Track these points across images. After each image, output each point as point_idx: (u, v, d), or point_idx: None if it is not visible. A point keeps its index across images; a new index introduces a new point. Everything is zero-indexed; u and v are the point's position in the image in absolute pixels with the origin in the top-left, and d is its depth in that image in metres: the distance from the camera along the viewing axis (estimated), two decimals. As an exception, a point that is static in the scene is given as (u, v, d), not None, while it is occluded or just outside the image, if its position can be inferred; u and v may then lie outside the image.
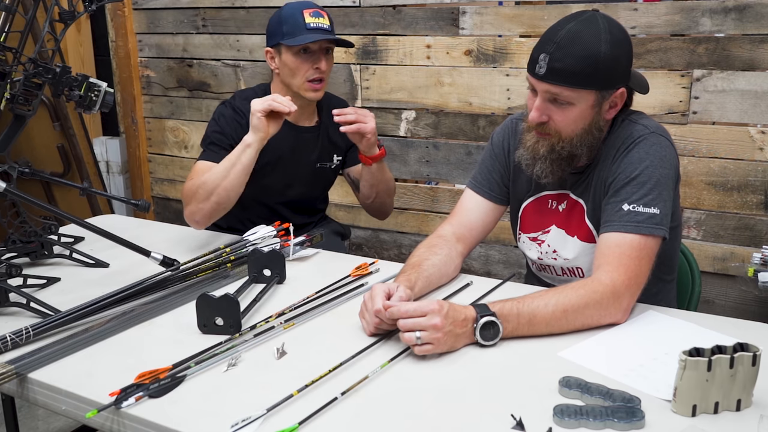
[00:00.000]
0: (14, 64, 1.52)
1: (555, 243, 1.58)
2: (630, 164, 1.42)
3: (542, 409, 1.06)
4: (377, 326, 1.30)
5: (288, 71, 1.93)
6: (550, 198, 1.59)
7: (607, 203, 1.44)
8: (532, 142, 1.47)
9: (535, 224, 1.61)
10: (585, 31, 1.37)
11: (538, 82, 1.40)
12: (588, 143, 1.45)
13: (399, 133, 2.69)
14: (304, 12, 1.90)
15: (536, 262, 1.64)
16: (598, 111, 1.42)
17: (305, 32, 1.88)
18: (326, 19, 1.93)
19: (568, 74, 1.36)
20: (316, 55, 1.91)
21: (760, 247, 2.13)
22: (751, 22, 2.07)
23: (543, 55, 1.38)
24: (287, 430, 1.01)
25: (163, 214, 3.43)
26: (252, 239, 1.72)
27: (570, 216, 1.55)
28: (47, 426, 2.54)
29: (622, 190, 1.42)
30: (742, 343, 1.05)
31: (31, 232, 1.74)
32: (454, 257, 1.58)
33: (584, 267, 1.56)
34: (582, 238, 1.54)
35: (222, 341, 1.29)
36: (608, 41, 1.36)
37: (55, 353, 1.27)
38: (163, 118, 3.31)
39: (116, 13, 3.26)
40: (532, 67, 1.40)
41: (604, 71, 1.37)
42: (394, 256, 2.80)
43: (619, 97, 1.43)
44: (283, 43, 1.90)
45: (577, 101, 1.39)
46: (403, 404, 1.10)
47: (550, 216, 1.59)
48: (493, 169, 1.66)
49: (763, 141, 2.12)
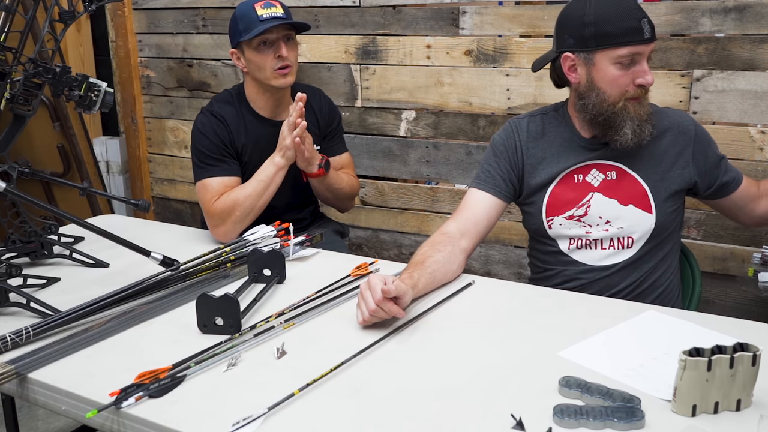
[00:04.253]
0: (14, 64, 1.52)
1: (607, 212, 1.63)
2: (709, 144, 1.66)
3: (542, 409, 1.06)
4: (373, 314, 1.32)
5: (254, 66, 1.97)
6: (576, 173, 1.65)
7: (719, 167, 1.66)
8: (635, 109, 1.54)
9: (569, 202, 1.65)
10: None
11: (648, 45, 1.49)
12: None
13: (399, 133, 2.69)
14: (255, 6, 1.95)
15: (581, 239, 1.66)
16: None
17: (259, 24, 1.93)
18: (279, 7, 1.97)
19: (655, 30, 1.51)
20: (275, 44, 1.95)
21: (760, 247, 2.13)
22: (751, 22, 2.06)
23: (645, 19, 1.48)
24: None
25: (163, 214, 3.43)
26: (252, 239, 1.73)
27: (619, 185, 1.62)
28: (47, 426, 2.54)
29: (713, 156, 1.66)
30: (742, 343, 1.04)
31: (31, 232, 1.74)
32: (457, 254, 1.59)
33: (635, 236, 1.63)
34: (639, 206, 1.62)
35: (222, 341, 1.29)
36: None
37: (55, 353, 1.27)
38: (163, 118, 3.30)
39: (116, 13, 3.26)
40: (638, 36, 1.48)
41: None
42: (394, 256, 2.80)
43: None
44: (242, 40, 1.95)
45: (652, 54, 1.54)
46: (403, 404, 1.10)
47: (585, 189, 1.64)
48: (498, 167, 1.70)
49: (763, 141, 2.12)
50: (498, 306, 1.48)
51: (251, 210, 1.89)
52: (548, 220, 1.68)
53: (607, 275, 1.65)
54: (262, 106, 2.04)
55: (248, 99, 2.05)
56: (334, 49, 2.73)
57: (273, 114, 2.05)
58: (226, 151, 1.97)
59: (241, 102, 2.05)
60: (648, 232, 1.62)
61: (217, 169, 1.95)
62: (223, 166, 1.95)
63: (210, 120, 1.99)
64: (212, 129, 1.97)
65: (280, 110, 2.05)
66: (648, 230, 1.62)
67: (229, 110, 2.02)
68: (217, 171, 1.95)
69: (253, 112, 2.04)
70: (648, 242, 1.63)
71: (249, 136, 2.01)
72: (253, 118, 2.03)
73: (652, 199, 1.62)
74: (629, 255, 1.64)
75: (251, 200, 1.88)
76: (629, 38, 1.47)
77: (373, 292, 1.31)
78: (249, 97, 2.05)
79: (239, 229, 1.89)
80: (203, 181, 1.95)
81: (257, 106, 2.04)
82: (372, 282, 1.33)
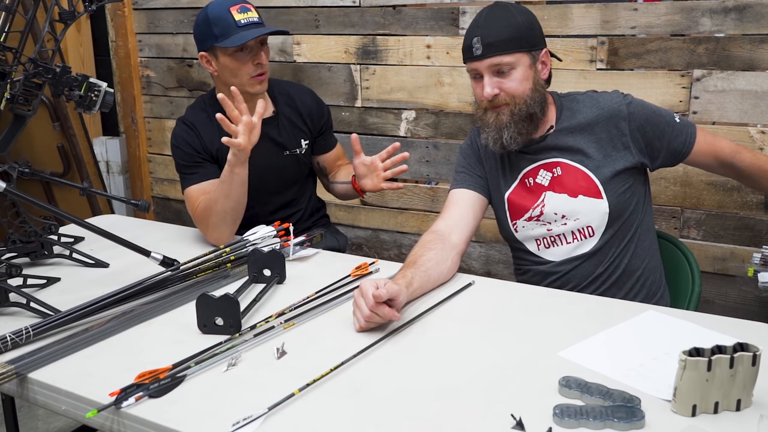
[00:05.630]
0: (14, 64, 1.52)
1: (561, 207, 1.66)
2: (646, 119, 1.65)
3: (542, 409, 1.06)
4: (368, 320, 1.32)
5: (228, 72, 1.92)
6: (526, 177, 1.70)
7: (662, 137, 1.66)
8: (493, 118, 1.63)
9: (525, 204, 1.70)
10: (497, 10, 1.62)
11: (481, 62, 1.59)
12: (539, 100, 1.63)
13: (399, 133, 2.69)
14: (231, 10, 1.89)
15: (546, 237, 1.69)
16: (535, 70, 1.63)
17: (238, 30, 1.87)
18: (254, 12, 1.93)
19: (501, 43, 1.58)
20: (253, 50, 1.91)
21: (760, 247, 2.13)
22: (751, 22, 2.06)
23: (475, 39, 1.59)
24: None
25: (163, 214, 3.43)
26: (252, 239, 1.73)
27: (565, 180, 1.66)
28: (47, 426, 2.54)
29: (659, 125, 1.66)
30: (742, 343, 1.05)
31: (31, 232, 1.74)
32: (449, 250, 1.61)
33: (594, 225, 1.65)
34: (589, 195, 1.65)
35: (222, 341, 1.29)
36: (519, 11, 1.62)
37: (55, 353, 1.27)
38: (163, 118, 3.30)
39: (116, 13, 3.26)
40: (470, 54, 1.61)
41: (526, 34, 1.60)
42: (394, 256, 2.80)
43: (545, 56, 1.66)
44: (219, 45, 1.88)
45: (516, 64, 1.59)
46: (403, 404, 1.10)
47: (537, 190, 1.69)
48: (470, 167, 1.78)
49: (763, 141, 2.12)
50: (498, 306, 1.48)
51: (226, 212, 1.83)
52: (513, 224, 1.73)
53: (577, 266, 1.68)
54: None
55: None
56: (334, 49, 2.73)
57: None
58: (200, 157, 1.95)
59: (213, 107, 1.98)
60: (604, 217, 1.64)
61: (196, 176, 1.94)
62: (200, 172, 1.94)
63: (181, 130, 1.98)
64: (183, 139, 1.96)
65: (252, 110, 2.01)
66: (603, 216, 1.64)
67: (200, 117, 2.00)
68: (195, 178, 1.94)
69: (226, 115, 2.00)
70: (608, 227, 1.66)
71: None
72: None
73: (599, 185, 1.64)
74: (593, 244, 1.66)
75: (220, 203, 1.83)
76: (466, 55, 1.63)
77: (366, 299, 1.32)
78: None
79: (227, 232, 1.87)
80: (186, 191, 1.96)
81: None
82: (364, 288, 1.33)
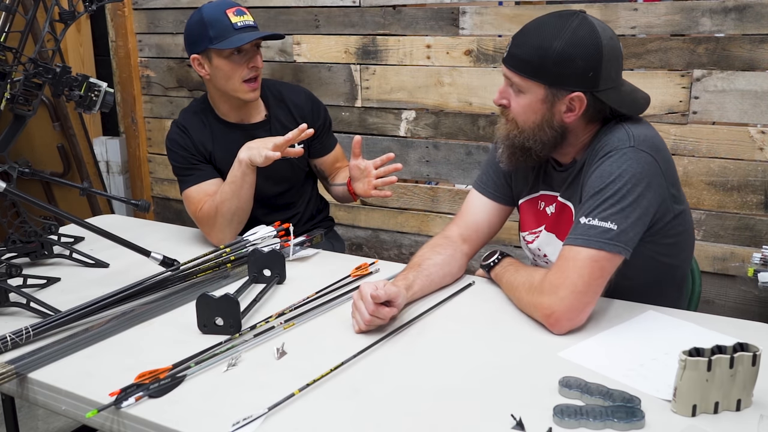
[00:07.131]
0: (14, 64, 1.52)
1: (545, 246, 1.56)
2: (599, 177, 1.36)
3: (542, 409, 1.06)
4: (368, 324, 1.32)
5: (222, 75, 1.90)
6: (541, 199, 1.57)
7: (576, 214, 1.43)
8: (500, 125, 1.50)
9: (529, 224, 1.61)
10: (549, 25, 1.37)
11: (503, 66, 1.44)
12: (540, 140, 1.42)
13: (399, 133, 2.69)
14: (228, 12, 1.87)
15: (536, 258, 1.64)
16: (549, 109, 1.39)
17: (234, 33, 1.86)
18: (249, 15, 1.92)
19: (519, 61, 1.38)
20: (249, 53, 1.90)
21: (760, 247, 2.13)
22: (751, 22, 2.07)
23: (511, 41, 1.42)
24: None
25: (163, 214, 3.43)
26: (252, 239, 1.72)
27: (560, 220, 1.51)
28: (47, 426, 2.54)
29: (585, 203, 1.37)
30: (742, 343, 1.05)
31: (31, 232, 1.74)
32: (458, 258, 1.58)
33: None
34: None
35: (222, 341, 1.29)
36: (566, 39, 1.33)
37: (55, 353, 1.27)
38: (163, 118, 3.30)
39: (116, 13, 3.26)
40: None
41: (552, 67, 1.35)
42: (394, 256, 2.80)
43: (577, 101, 1.37)
44: (214, 47, 1.86)
45: (526, 90, 1.39)
46: (403, 405, 1.10)
47: (542, 218, 1.58)
48: (497, 170, 1.64)
49: (763, 141, 2.12)
50: (498, 306, 1.48)
51: (233, 213, 1.84)
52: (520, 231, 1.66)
53: None
54: (226, 112, 1.99)
55: (213, 106, 2.00)
56: (334, 49, 2.74)
57: (239, 118, 1.99)
58: (195, 159, 1.95)
59: (206, 110, 2.00)
60: None
61: (193, 177, 1.94)
62: (197, 173, 1.94)
63: (174, 133, 1.98)
64: (176, 142, 1.96)
65: (244, 113, 1.99)
66: None
67: (193, 120, 1.99)
68: (193, 179, 1.94)
69: (219, 119, 1.99)
70: None
71: (218, 143, 1.97)
72: (220, 125, 1.99)
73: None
74: None
75: (228, 204, 1.84)
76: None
77: (365, 302, 1.32)
78: (213, 104, 2.00)
79: (231, 232, 1.87)
80: (184, 193, 1.95)
81: (221, 113, 1.99)
82: (363, 291, 1.33)
